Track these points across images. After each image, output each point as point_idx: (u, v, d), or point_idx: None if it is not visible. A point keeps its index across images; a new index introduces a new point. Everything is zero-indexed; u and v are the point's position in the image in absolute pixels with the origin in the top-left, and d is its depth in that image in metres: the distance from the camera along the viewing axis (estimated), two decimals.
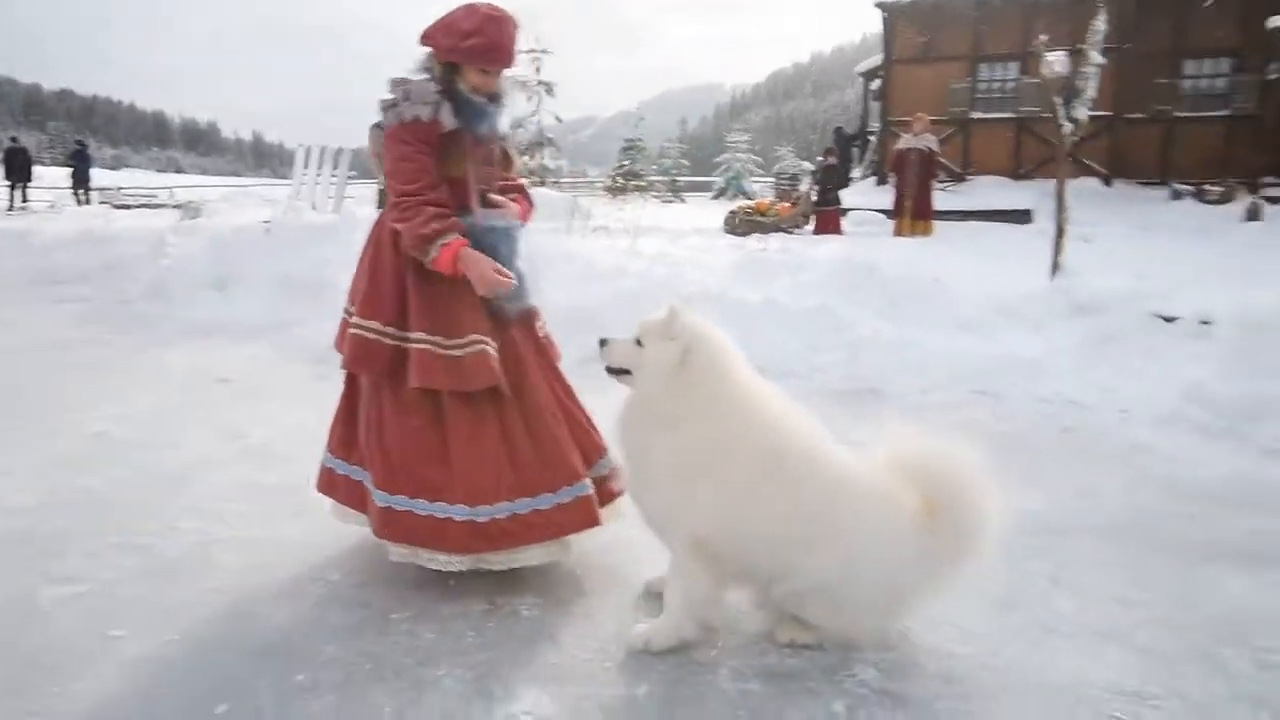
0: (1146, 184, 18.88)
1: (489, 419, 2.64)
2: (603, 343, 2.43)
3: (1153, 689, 2.16)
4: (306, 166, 13.42)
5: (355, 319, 2.72)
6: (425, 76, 2.67)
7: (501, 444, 2.63)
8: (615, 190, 26.72)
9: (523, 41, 2.87)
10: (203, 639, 2.40)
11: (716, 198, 30.46)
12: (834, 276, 6.70)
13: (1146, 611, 2.54)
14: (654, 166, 31.89)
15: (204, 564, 2.85)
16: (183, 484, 3.55)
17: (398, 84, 2.66)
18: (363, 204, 16.53)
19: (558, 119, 23.02)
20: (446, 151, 2.66)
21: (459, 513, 2.57)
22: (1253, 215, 15.15)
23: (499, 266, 2.63)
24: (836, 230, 14.48)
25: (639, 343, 2.35)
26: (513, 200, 2.89)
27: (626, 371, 2.38)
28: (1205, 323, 5.18)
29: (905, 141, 14.15)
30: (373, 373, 2.71)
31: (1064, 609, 2.55)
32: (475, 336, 2.64)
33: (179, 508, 3.30)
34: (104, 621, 2.48)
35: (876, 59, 23.14)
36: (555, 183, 21.14)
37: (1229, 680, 2.20)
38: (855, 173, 23.19)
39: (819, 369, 5.31)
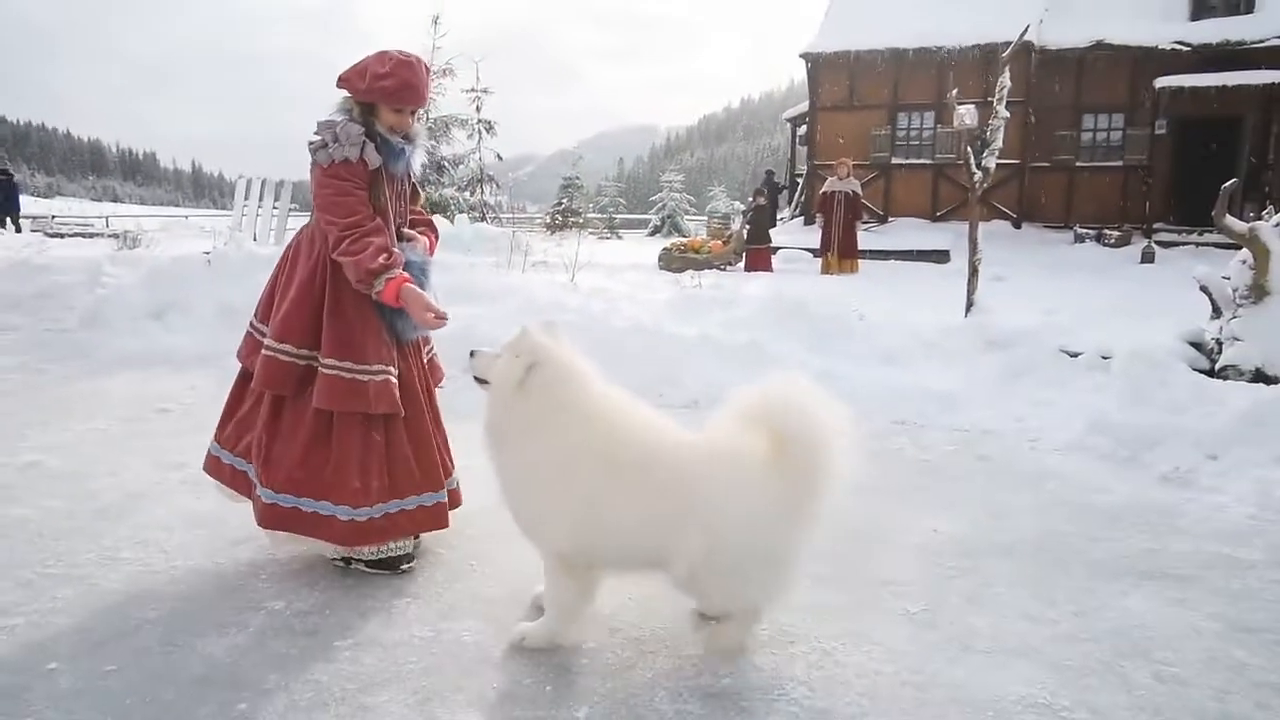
0: (1052, 227, 19.71)
1: (373, 434, 2.86)
2: (472, 353, 2.53)
3: (1062, 701, 2.25)
4: (248, 198, 13.19)
5: (269, 340, 2.86)
6: (345, 118, 2.83)
7: (383, 455, 2.87)
8: (554, 226, 26.80)
9: (463, 80, 3.13)
10: (142, 670, 2.32)
11: (652, 235, 30.74)
12: (764, 312, 6.84)
13: (1055, 627, 2.64)
14: (592, 204, 32.07)
15: (143, 594, 2.76)
16: (121, 514, 3.44)
17: (325, 126, 2.82)
18: None
19: (498, 156, 23.02)
20: (370, 188, 2.83)
21: (343, 513, 2.80)
22: (1147, 258, 15.97)
23: (431, 304, 2.77)
24: (767, 268, 14.75)
25: (498, 357, 2.46)
26: (421, 234, 3.09)
27: (488, 381, 2.47)
28: (1105, 357, 5.43)
29: (831, 184, 14.54)
30: (282, 392, 2.87)
31: (980, 626, 2.64)
32: (381, 366, 2.85)
33: (117, 537, 3.20)
34: (38, 654, 2.38)
35: (803, 106, 23.76)
36: (495, 218, 21.10)
37: (1130, 692, 2.30)
38: (784, 213, 23.71)
39: None
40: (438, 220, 3.26)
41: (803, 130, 24.05)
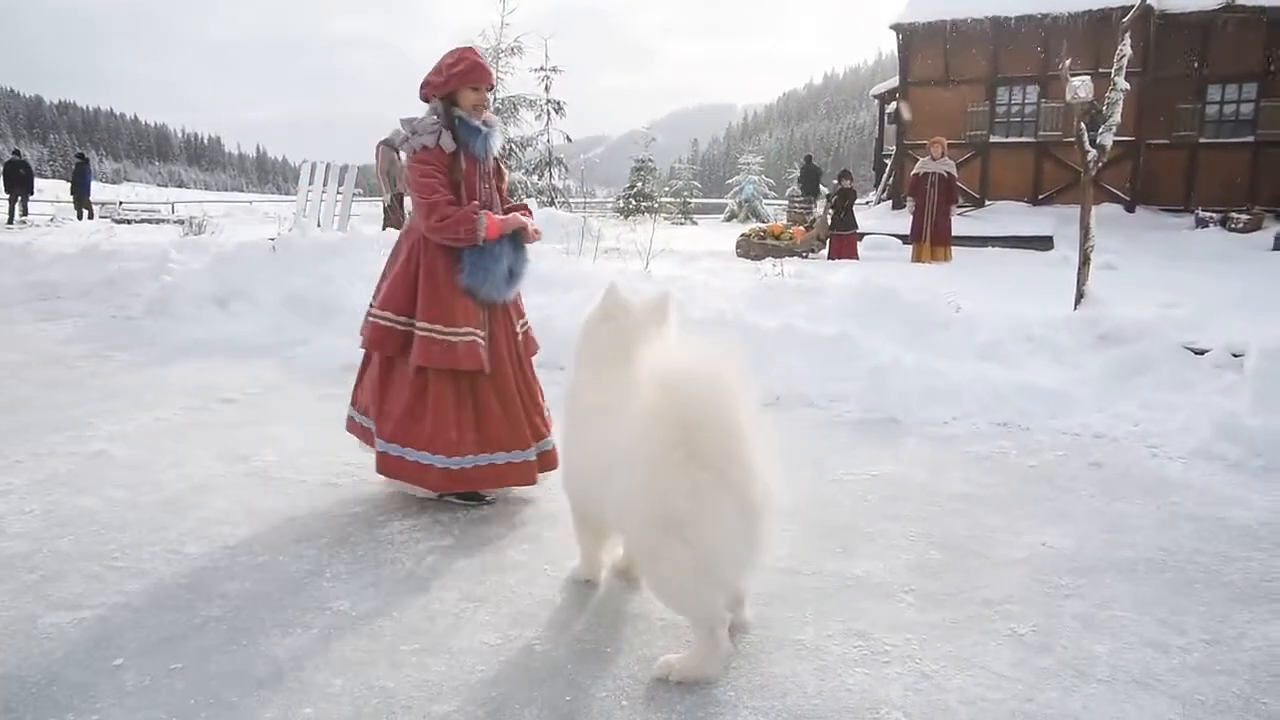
0: (1171, 210, 18.90)
1: (464, 391, 3.45)
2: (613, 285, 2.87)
3: None
4: (312, 183, 13.53)
5: (374, 309, 3.53)
6: (429, 114, 3.44)
7: (472, 411, 3.45)
8: (626, 211, 26.82)
9: (531, 59, 3.55)
10: (206, 669, 2.38)
11: (729, 220, 30.52)
12: (852, 303, 6.69)
13: (1184, 657, 2.50)
14: (665, 188, 31.99)
15: (207, 590, 2.83)
16: (185, 507, 3.54)
17: (406, 123, 3.46)
18: (369, 222, 16.64)
19: (567, 138, 23.14)
20: (449, 170, 3.42)
21: (439, 461, 3.40)
22: None
23: (527, 224, 3.48)
24: (853, 255, 14.49)
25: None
26: (516, 211, 3.61)
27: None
28: (1237, 355, 5.15)
29: (923, 165, 14.19)
30: (386, 352, 3.50)
31: (1098, 652, 2.51)
32: (469, 329, 3.42)
33: (181, 531, 3.29)
34: (105, 649, 2.46)
35: (892, 81, 23.29)
36: (564, 203, 21.21)
37: None
38: (869, 197, 23.25)
39: (837, 398, 5.29)
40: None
41: (892, 107, 23.58)
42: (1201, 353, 5.37)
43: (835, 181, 16.32)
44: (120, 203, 33.42)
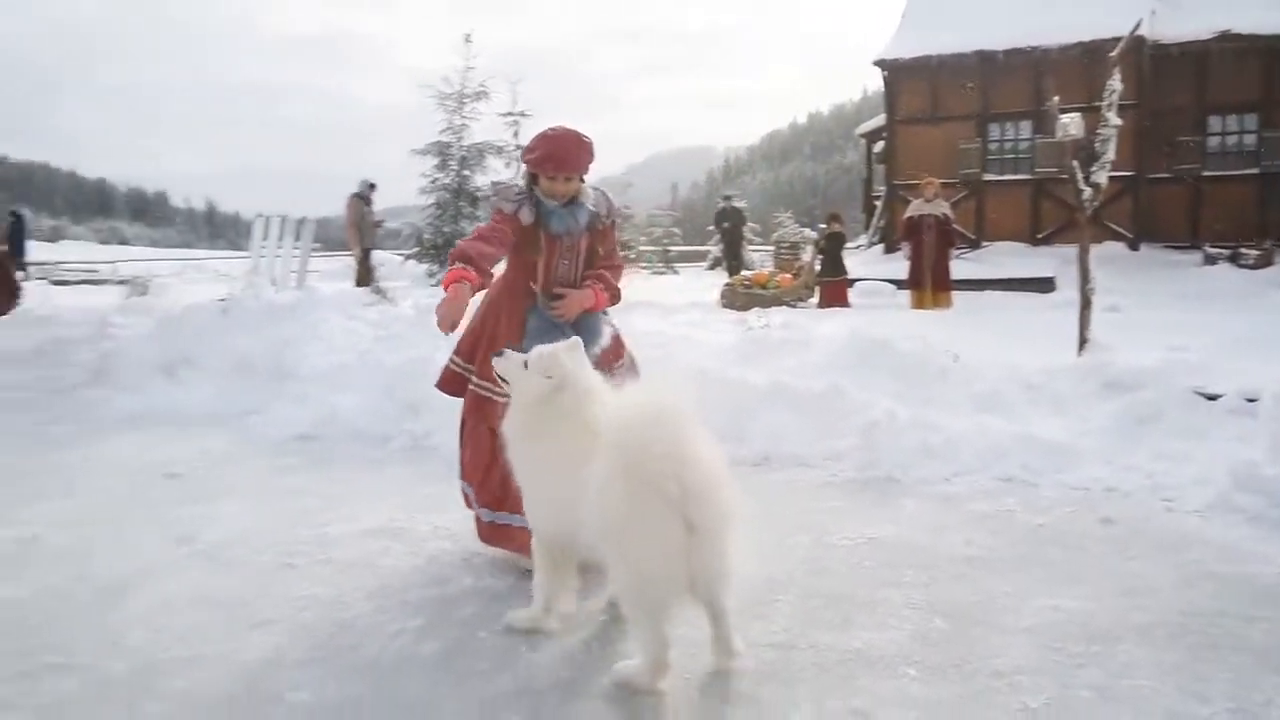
0: (1176, 248, 19.19)
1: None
2: (500, 352, 3.15)
3: None
4: (266, 238, 13.56)
5: (451, 353, 3.80)
6: (517, 183, 3.73)
7: None
8: None
9: (497, 104, 3.69)
10: None
11: (711, 268, 30.77)
12: (844, 354, 6.75)
13: None
14: (643, 236, 32.27)
15: (150, 685, 2.79)
16: (126, 594, 3.49)
17: (495, 185, 3.86)
18: (328, 279, 16.68)
19: None
20: (526, 240, 3.61)
21: (517, 520, 3.43)
22: None
23: (450, 312, 3.30)
24: (844, 303, 14.61)
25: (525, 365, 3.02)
26: (587, 286, 3.71)
27: (508, 381, 3.09)
28: (1251, 399, 5.23)
29: (916, 207, 14.39)
30: (448, 393, 3.79)
31: None
32: None
33: (122, 621, 3.24)
34: None
35: (879, 119, 23.76)
36: None
37: None
38: (859, 240, 23.52)
39: (831, 456, 5.31)
40: None
41: (879, 147, 24.02)
42: (1214, 398, 5.44)
43: (824, 225, 16.50)
44: (58, 263, 33.32)
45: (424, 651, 3.01)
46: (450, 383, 3.79)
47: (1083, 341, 6.91)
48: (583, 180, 3.70)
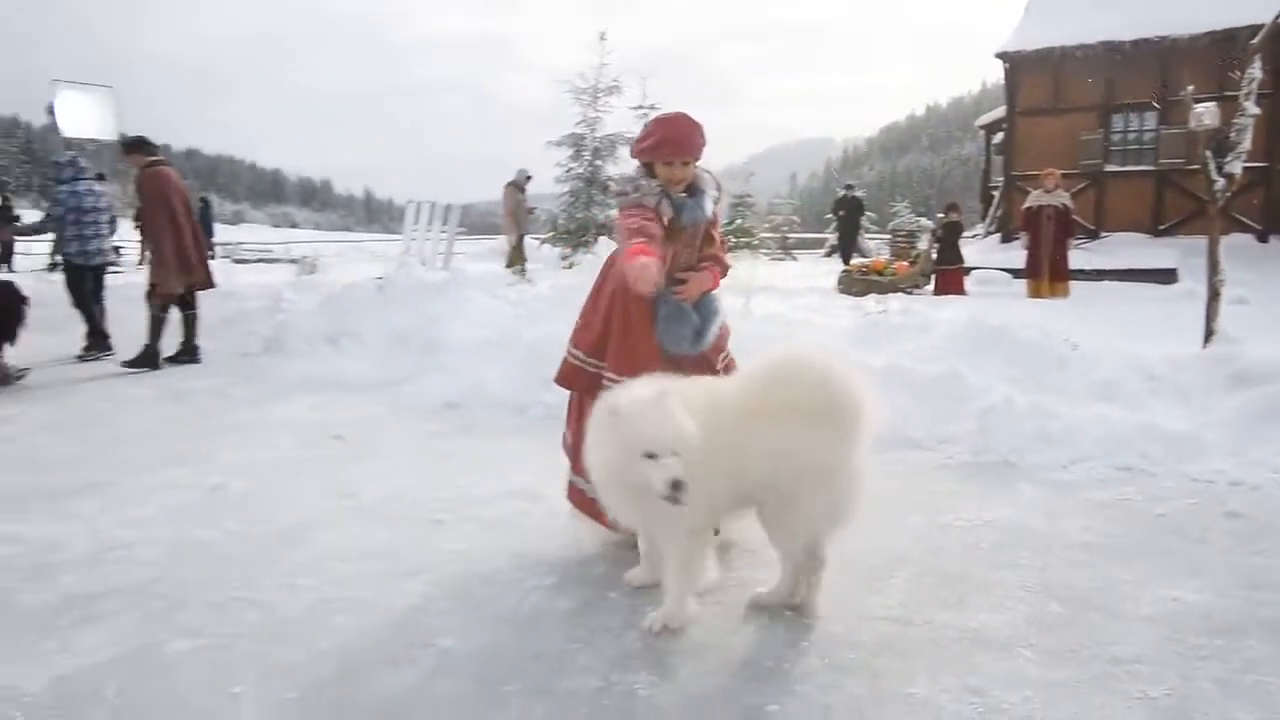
0: None
1: None
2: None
3: None
4: (416, 223, 14.00)
5: (569, 345, 3.61)
6: (640, 180, 3.41)
7: None
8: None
9: (628, 98, 3.48)
10: (318, 701, 2.46)
11: (829, 255, 30.17)
12: (960, 340, 6.52)
13: None
14: (764, 223, 31.88)
15: (320, 624, 2.93)
16: (298, 541, 3.68)
17: (625, 180, 3.52)
18: (473, 260, 17.11)
19: None
20: (666, 234, 3.36)
21: None
22: None
23: (653, 276, 3.02)
24: (959, 291, 14.14)
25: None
26: (704, 268, 3.51)
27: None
28: None
29: (1036, 198, 13.80)
30: (574, 389, 3.60)
31: None
32: None
33: (295, 565, 3.42)
34: (225, 677, 2.57)
35: (999, 111, 22.78)
36: None
37: None
38: (977, 229, 22.67)
39: (946, 440, 5.14)
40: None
41: (998, 138, 23.04)
42: None
43: (941, 215, 15.99)
44: (239, 244, 35.28)
45: (558, 607, 3.07)
46: (570, 377, 3.59)
47: (1209, 333, 6.47)
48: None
